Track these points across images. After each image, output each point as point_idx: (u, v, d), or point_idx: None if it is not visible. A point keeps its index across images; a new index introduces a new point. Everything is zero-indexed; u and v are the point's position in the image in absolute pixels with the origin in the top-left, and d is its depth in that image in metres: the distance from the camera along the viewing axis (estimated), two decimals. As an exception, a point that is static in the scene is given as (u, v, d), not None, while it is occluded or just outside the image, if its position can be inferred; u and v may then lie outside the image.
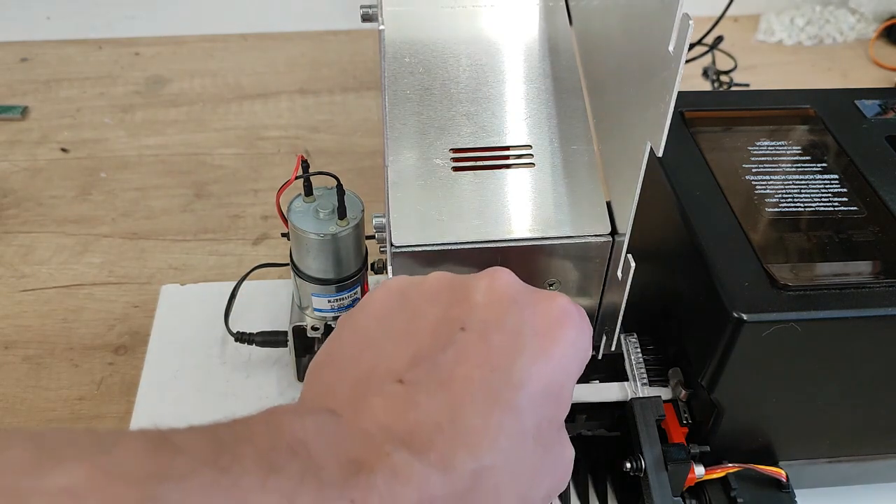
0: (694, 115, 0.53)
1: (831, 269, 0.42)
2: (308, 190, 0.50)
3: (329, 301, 0.51)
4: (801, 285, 0.40)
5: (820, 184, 0.48)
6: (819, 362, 0.41)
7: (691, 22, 0.32)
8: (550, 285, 0.45)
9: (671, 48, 0.33)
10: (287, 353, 0.56)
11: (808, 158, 0.49)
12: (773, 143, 0.51)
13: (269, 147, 0.84)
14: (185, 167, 0.80)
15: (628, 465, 0.43)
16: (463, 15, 0.49)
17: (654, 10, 0.35)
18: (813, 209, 0.46)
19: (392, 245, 0.42)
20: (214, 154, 0.82)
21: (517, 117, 0.46)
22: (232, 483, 0.23)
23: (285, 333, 0.55)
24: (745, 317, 0.39)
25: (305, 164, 0.48)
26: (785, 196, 0.47)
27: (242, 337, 0.56)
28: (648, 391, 0.46)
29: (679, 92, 0.33)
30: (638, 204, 0.39)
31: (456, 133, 0.45)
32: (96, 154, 0.82)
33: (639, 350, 0.47)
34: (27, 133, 0.84)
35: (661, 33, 0.34)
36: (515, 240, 0.43)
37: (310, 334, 0.52)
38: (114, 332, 0.63)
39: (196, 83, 0.93)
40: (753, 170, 0.48)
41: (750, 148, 0.50)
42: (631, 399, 0.45)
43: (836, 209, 0.46)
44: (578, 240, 0.43)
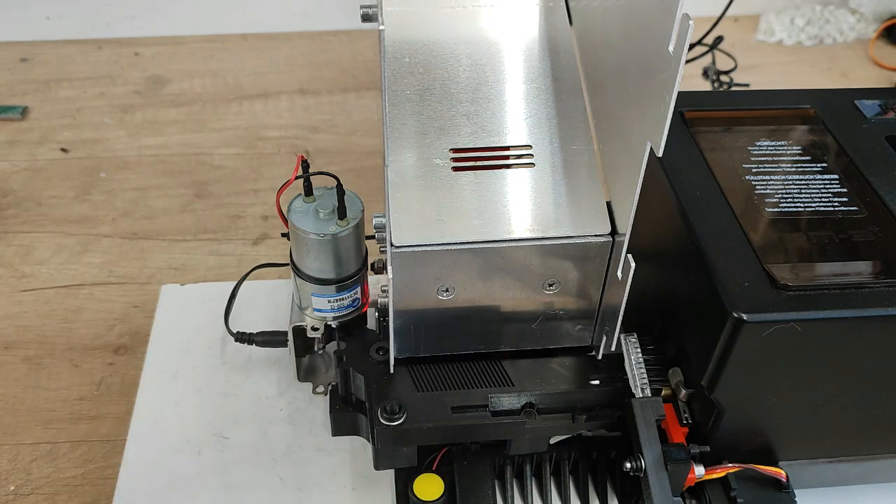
0: (694, 115, 0.53)
1: (831, 269, 0.42)
2: (308, 190, 0.50)
3: (329, 301, 0.51)
4: (801, 285, 0.40)
5: (820, 184, 0.48)
6: (819, 362, 0.41)
7: (691, 22, 0.32)
8: (550, 285, 0.45)
9: (671, 48, 0.33)
10: (287, 353, 0.56)
11: (808, 158, 0.49)
12: (773, 143, 0.51)
13: (269, 147, 0.84)
14: (185, 167, 0.81)
15: (628, 465, 0.43)
16: (463, 15, 0.49)
17: (654, 11, 0.35)
18: (813, 209, 0.46)
19: (392, 245, 0.42)
20: (214, 154, 0.82)
21: (517, 117, 0.46)
22: None
23: (285, 333, 0.55)
24: (745, 317, 0.39)
25: (305, 164, 0.48)
26: (785, 196, 0.47)
27: (242, 337, 0.56)
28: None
29: (679, 92, 0.33)
30: (638, 204, 0.39)
31: (456, 133, 0.45)
32: (96, 154, 0.82)
33: (639, 350, 0.47)
34: (27, 133, 0.84)
35: (661, 33, 0.34)
36: (515, 240, 0.43)
37: (310, 334, 0.52)
38: (114, 333, 0.63)
39: (196, 83, 0.93)
40: (753, 170, 0.48)
41: (750, 148, 0.50)
42: (631, 399, 0.45)
43: (836, 209, 0.46)
44: (578, 240, 0.43)
